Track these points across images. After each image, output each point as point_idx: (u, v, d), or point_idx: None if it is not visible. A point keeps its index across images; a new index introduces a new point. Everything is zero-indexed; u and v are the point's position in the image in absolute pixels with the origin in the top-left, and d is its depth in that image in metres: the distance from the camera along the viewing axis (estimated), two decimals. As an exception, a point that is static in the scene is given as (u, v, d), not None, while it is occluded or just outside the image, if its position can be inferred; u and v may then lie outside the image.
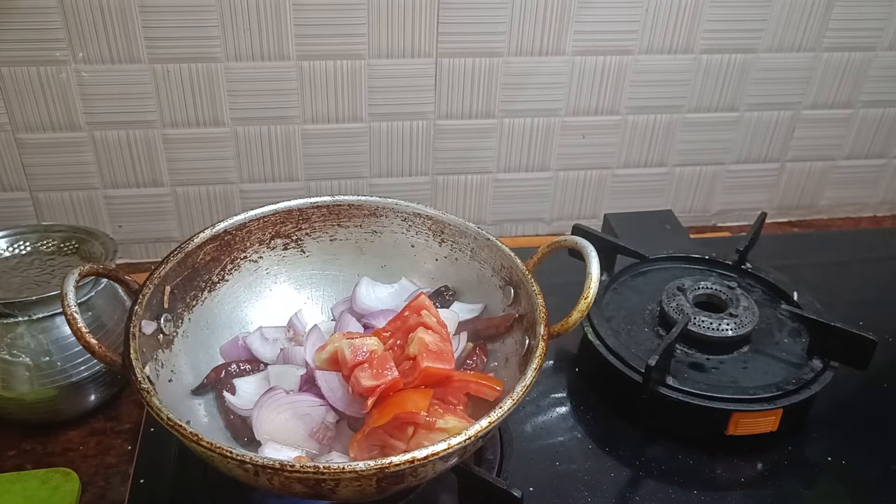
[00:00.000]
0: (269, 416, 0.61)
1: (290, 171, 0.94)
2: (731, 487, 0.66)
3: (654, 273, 0.85)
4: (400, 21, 0.86)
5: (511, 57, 0.91)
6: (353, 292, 0.73)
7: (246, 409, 0.62)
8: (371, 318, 0.71)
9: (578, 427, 0.71)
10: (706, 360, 0.73)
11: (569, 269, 0.72)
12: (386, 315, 0.70)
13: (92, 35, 0.81)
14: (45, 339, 0.67)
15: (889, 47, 1.00)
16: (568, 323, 0.62)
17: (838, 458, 0.69)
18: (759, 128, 1.03)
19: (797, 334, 0.76)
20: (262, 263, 0.73)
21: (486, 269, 0.71)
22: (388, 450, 0.58)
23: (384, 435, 0.58)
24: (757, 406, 0.67)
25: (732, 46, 0.96)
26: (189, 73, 0.85)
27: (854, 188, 1.11)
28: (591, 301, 0.62)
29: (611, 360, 0.72)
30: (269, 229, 0.73)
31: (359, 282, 0.74)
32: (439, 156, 0.97)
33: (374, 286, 0.74)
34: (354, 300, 0.73)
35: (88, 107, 0.85)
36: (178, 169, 0.91)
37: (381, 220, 0.75)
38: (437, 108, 0.93)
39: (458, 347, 0.68)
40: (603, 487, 0.65)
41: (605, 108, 0.97)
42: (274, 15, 0.83)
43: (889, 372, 0.79)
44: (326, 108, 0.90)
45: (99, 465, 0.68)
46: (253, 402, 0.62)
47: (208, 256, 0.69)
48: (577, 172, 1.02)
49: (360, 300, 0.73)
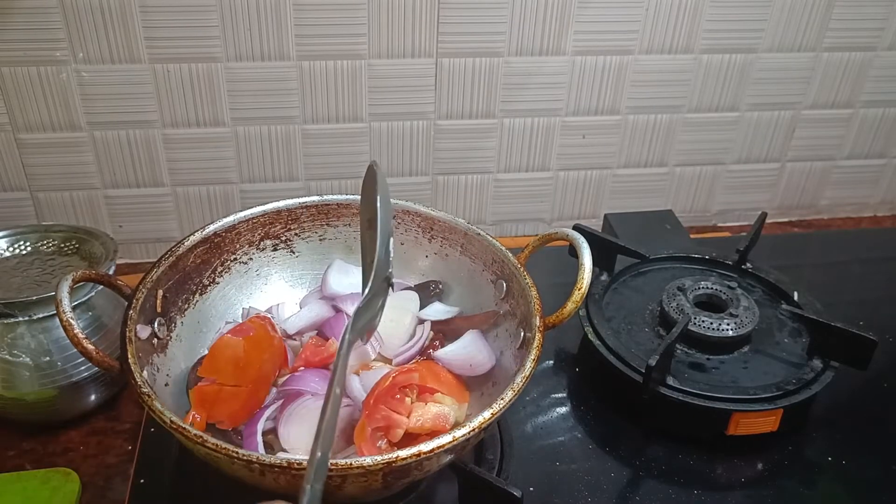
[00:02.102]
0: (296, 429, 0.60)
1: (290, 171, 0.94)
2: (731, 487, 0.66)
3: (655, 273, 0.85)
4: (400, 21, 0.86)
5: (511, 57, 0.91)
6: (324, 276, 0.73)
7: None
8: (340, 302, 0.71)
9: (578, 427, 0.71)
10: (706, 360, 0.73)
11: (569, 269, 0.72)
12: (355, 299, 0.70)
13: (92, 35, 0.81)
14: (45, 339, 0.67)
15: (889, 47, 1.00)
16: (563, 314, 0.62)
17: (838, 458, 0.69)
18: (760, 128, 1.03)
19: (797, 334, 0.76)
20: (252, 265, 0.73)
21: (477, 264, 0.71)
22: (393, 429, 0.58)
23: (386, 410, 0.58)
24: (757, 406, 0.67)
25: (733, 46, 0.96)
26: (189, 73, 0.85)
27: (854, 188, 1.11)
28: (584, 291, 0.62)
29: (611, 360, 0.72)
30: (259, 230, 0.73)
31: (330, 264, 0.74)
32: (439, 156, 0.97)
33: (347, 269, 0.74)
34: (325, 284, 0.73)
35: (89, 107, 0.85)
36: (178, 169, 0.91)
37: None
38: (438, 108, 0.93)
39: (422, 336, 0.69)
40: (603, 487, 0.65)
41: (605, 108, 0.97)
42: (274, 15, 0.83)
43: (889, 372, 0.79)
44: (327, 108, 0.90)
45: (99, 465, 0.68)
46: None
47: (199, 259, 0.69)
48: (578, 172, 1.02)
49: (330, 284, 0.73)
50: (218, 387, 0.60)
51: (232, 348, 0.61)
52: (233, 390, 0.60)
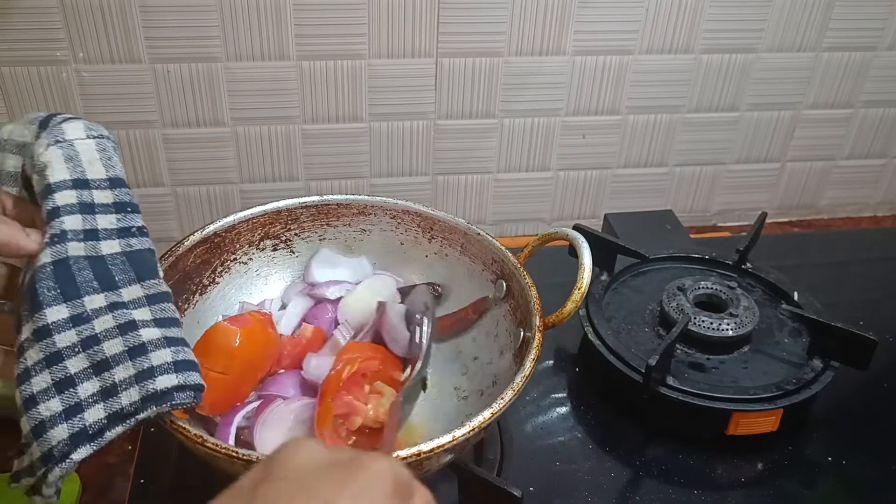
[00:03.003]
0: (271, 433, 0.60)
1: (290, 171, 0.94)
2: (731, 487, 0.66)
3: (655, 273, 0.85)
4: (400, 21, 0.86)
5: (511, 57, 0.91)
6: (308, 263, 0.74)
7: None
8: (321, 290, 0.71)
9: (578, 427, 0.71)
10: (706, 359, 0.73)
11: (569, 269, 0.72)
12: (335, 286, 0.71)
13: (92, 35, 0.81)
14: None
15: (889, 47, 1.00)
16: (563, 313, 0.62)
17: (838, 458, 0.69)
18: (760, 128, 1.03)
19: (797, 334, 0.76)
20: (252, 265, 0.73)
21: (476, 264, 0.71)
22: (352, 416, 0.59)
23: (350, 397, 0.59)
24: (757, 406, 0.67)
25: (733, 46, 0.96)
26: (189, 72, 0.85)
27: (854, 188, 1.11)
28: (584, 291, 0.62)
29: (611, 359, 0.72)
30: (258, 230, 0.73)
31: (315, 253, 0.75)
32: (439, 156, 0.97)
33: (333, 259, 0.75)
34: (308, 271, 0.74)
35: (88, 107, 0.85)
36: (178, 169, 0.91)
37: (370, 218, 0.75)
38: (438, 108, 0.93)
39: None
40: (603, 487, 0.65)
41: (605, 108, 0.97)
42: (274, 15, 0.83)
43: (889, 372, 0.79)
44: (327, 107, 0.90)
45: (99, 465, 0.68)
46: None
47: (199, 259, 0.69)
48: (578, 172, 1.02)
49: (313, 273, 0.73)
50: (204, 371, 0.60)
51: (226, 336, 0.61)
52: (218, 377, 0.60)
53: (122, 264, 0.52)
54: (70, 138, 0.52)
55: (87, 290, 0.49)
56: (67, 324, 0.48)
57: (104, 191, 0.52)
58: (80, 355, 0.48)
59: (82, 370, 0.48)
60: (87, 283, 0.50)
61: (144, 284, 0.52)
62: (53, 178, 0.50)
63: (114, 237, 0.52)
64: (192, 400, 0.50)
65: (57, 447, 0.46)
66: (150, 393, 0.48)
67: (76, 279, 0.49)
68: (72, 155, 0.51)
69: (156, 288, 0.53)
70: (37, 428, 0.46)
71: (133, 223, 0.53)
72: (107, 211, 0.52)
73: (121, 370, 0.48)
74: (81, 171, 0.51)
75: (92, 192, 0.52)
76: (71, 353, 0.48)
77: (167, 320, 0.52)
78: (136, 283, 0.52)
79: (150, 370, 0.49)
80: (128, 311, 0.50)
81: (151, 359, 0.49)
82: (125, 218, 0.53)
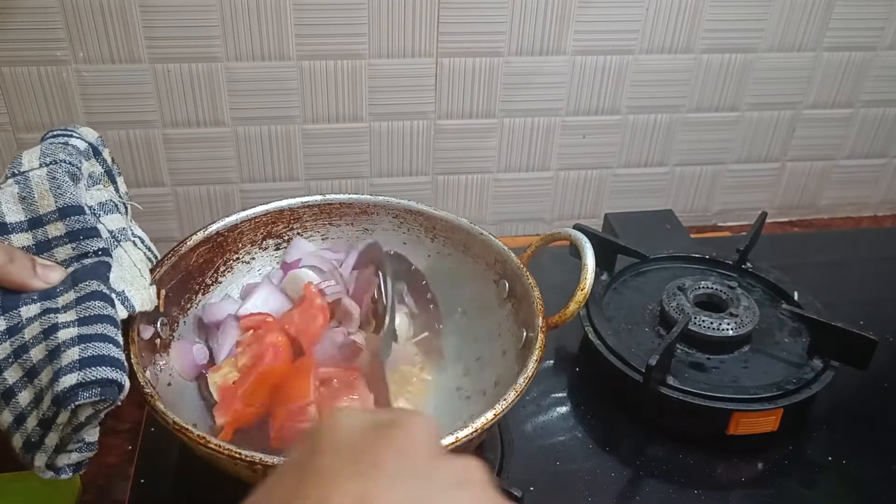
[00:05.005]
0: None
1: (290, 171, 0.94)
2: (731, 487, 0.67)
3: (655, 273, 0.85)
4: (400, 21, 0.86)
5: (511, 57, 0.91)
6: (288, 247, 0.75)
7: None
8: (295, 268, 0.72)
9: (579, 427, 0.72)
10: (706, 359, 0.73)
11: (569, 269, 0.72)
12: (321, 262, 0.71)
13: (92, 35, 0.81)
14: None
15: (890, 47, 1.00)
16: (565, 314, 0.62)
17: (838, 458, 0.69)
18: (760, 127, 1.03)
19: (798, 334, 0.77)
20: (255, 264, 0.73)
21: (479, 264, 0.71)
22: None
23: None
24: (757, 406, 0.67)
25: (733, 46, 0.96)
26: (189, 72, 0.85)
27: (854, 188, 1.11)
28: (587, 291, 0.62)
29: (611, 359, 0.72)
30: (261, 230, 0.73)
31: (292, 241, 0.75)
32: (440, 155, 0.97)
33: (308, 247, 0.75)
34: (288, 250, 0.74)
35: (89, 107, 0.85)
36: (178, 169, 0.91)
37: (373, 217, 0.75)
38: (438, 107, 0.93)
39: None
40: (603, 487, 0.65)
41: (605, 108, 0.97)
42: (274, 15, 0.83)
43: (889, 372, 0.79)
44: (327, 107, 0.90)
45: (99, 465, 0.68)
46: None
47: (201, 259, 0.69)
48: (578, 172, 1.02)
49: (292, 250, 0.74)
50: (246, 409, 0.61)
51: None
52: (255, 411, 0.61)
53: (70, 279, 0.52)
54: (24, 170, 0.53)
55: (27, 301, 0.50)
56: (4, 335, 0.48)
57: (56, 223, 0.53)
58: (14, 365, 0.48)
59: (19, 379, 0.48)
60: (28, 296, 0.50)
61: (78, 287, 0.52)
62: (9, 218, 0.52)
63: (74, 263, 0.54)
64: (98, 397, 0.46)
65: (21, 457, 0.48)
66: (55, 395, 0.46)
67: (20, 293, 0.50)
68: (25, 194, 0.53)
69: (88, 288, 0.51)
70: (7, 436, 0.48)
71: (90, 247, 0.54)
72: (61, 243, 0.53)
73: (44, 375, 0.47)
74: (34, 210, 0.53)
75: (46, 229, 0.53)
76: (6, 365, 0.48)
77: (92, 318, 0.50)
78: (71, 290, 0.51)
79: (58, 371, 0.47)
80: (55, 316, 0.49)
81: (62, 359, 0.47)
82: (80, 245, 0.54)
